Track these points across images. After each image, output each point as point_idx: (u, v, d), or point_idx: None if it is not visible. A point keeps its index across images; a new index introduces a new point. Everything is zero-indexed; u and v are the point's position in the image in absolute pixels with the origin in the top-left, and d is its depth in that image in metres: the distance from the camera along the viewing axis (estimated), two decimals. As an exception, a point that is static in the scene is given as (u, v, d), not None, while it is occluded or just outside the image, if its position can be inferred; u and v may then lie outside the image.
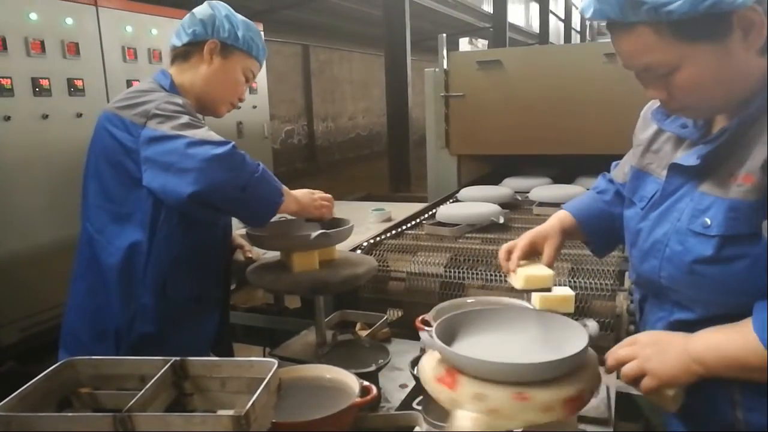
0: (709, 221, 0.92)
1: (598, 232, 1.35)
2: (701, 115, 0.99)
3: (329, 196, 1.63)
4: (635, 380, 0.97)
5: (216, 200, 1.29)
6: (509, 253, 1.25)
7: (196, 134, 1.31)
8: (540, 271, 1.19)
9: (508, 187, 2.98)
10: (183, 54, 1.57)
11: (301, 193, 1.55)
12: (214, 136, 1.32)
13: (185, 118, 1.36)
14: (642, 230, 1.07)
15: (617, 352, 1.00)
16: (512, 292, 1.79)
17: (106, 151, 1.43)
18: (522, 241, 1.25)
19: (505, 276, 1.27)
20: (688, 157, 0.99)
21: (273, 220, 1.46)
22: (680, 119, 1.05)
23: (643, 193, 1.11)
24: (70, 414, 0.94)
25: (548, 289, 1.17)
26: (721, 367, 0.90)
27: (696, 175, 0.98)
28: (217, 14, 1.56)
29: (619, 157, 1.44)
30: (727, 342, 0.90)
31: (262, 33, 1.70)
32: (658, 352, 0.95)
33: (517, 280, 1.21)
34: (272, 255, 1.74)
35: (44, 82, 3.38)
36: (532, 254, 1.26)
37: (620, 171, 1.35)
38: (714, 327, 0.94)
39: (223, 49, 1.56)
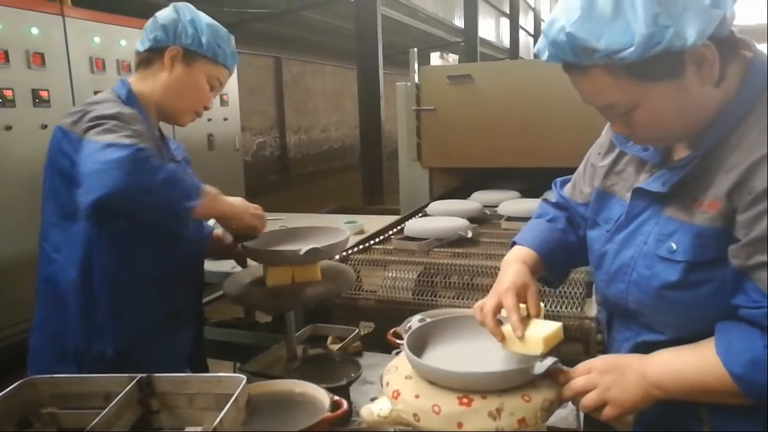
0: (674, 246, 0.93)
1: (558, 265, 1.26)
2: (665, 144, 1.01)
3: (261, 209, 1.55)
4: (596, 409, 0.96)
5: (119, 205, 1.24)
6: (494, 314, 1.04)
7: (107, 138, 1.24)
8: (546, 327, 1.01)
9: (476, 200, 2.99)
10: (145, 60, 1.51)
11: (236, 199, 1.48)
12: (124, 140, 1.24)
13: (109, 124, 1.29)
14: (607, 253, 1.07)
15: (574, 383, 0.97)
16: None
17: (59, 166, 1.38)
18: (509, 300, 1.03)
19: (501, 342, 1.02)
20: (652, 183, 0.99)
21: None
22: None
23: (608, 214, 1.10)
24: (29, 434, 0.91)
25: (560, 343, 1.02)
26: (682, 393, 0.91)
27: (660, 199, 0.98)
28: (181, 18, 1.48)
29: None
30: (687, 367, 0.90)
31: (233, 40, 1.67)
32: (616, 379, 0.94)
33: (530, 344, 0.99)
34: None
35: (8, 93, 3.31)
36: None
37: (576, 190, 1.29)
38: (672, 348, 0.94)
39: (186, 56, 1.48)
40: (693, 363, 0.90)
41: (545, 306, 1.60)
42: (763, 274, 0.83)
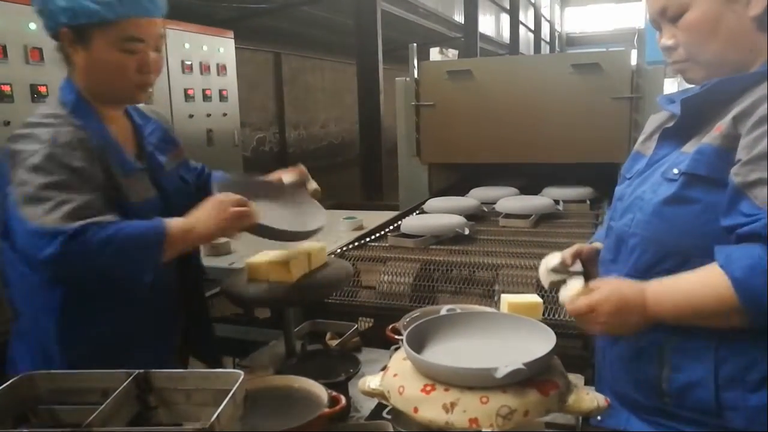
0: (677, 170, 1.05)
1: None
2: (698, 72, 1.09)
3: (242, 200, 1.26)
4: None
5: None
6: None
7: (34, 218, 1.13)
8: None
9: (474, 197, 2.99)
10: (60, 54, 1.32)
11: (205, 213, 1.24)
12: (49, 222, 1.12)
13: (33, 185, 1.15)
14: (625, 194, 1.18)
15: (579, 318, 1.04)
16: (482, 298, 1.82)
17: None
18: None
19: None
20: (673, 115, 1.12)
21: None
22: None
23: (635, 169, 1.22)
24: (26, 431, 0.91)
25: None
26: (676, 304, 0.98)
27: (680, 140, 1.10)
28: None
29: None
30: (685, 279, 0.98)
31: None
32: (619, 321, 1.01)
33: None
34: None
35: (6, 88, 3.30)
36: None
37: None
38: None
39: (77, 34, 1.24)
40: (692, 276, 0.97)
41: (546, 314, 1.63)
42: (760, 190, 0.91)
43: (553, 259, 1.31)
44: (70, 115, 1.27)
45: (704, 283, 0.95)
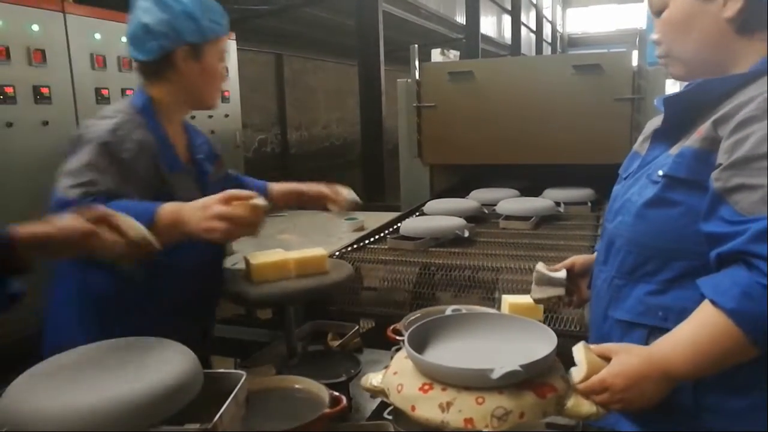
0: (661, 172, 1.05)
1: None
2: (678, 69, 1.12)
3: (231, 213, 1.17)
4: None
5: None
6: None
7: (61, 183, 1.24)
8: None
9: (475, 199, 2.98)
10: (154, 71, 1.46)
11: (195, 206, 1.20)
12: (70, 189, 1.21)
13: (78, 161, 1.26)
14: (618, 195, 1.19)
15: (595, 395, 0.96)
16: (482, 300, 1.83)
17: None
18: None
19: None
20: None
21: None
22: None
23: (630, 168, 1.22)
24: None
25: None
26: (693, 361, 0.91)
27: (669, 141, 1.10)
28: (173, 15, 1.39)
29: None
30: (686, 330, 0.92)
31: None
32: (638, 394, 0.93)
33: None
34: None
35: (9, 90, 3.31)
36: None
37: None
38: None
39: (194, 50, 1.44)
40: (689, 323, 0.93)
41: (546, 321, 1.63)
42: (741, 196, 0.88)
43: (535, 272, 1.34)
44: (136, 114, 1.42)
45: (702, 324, 0.90)
